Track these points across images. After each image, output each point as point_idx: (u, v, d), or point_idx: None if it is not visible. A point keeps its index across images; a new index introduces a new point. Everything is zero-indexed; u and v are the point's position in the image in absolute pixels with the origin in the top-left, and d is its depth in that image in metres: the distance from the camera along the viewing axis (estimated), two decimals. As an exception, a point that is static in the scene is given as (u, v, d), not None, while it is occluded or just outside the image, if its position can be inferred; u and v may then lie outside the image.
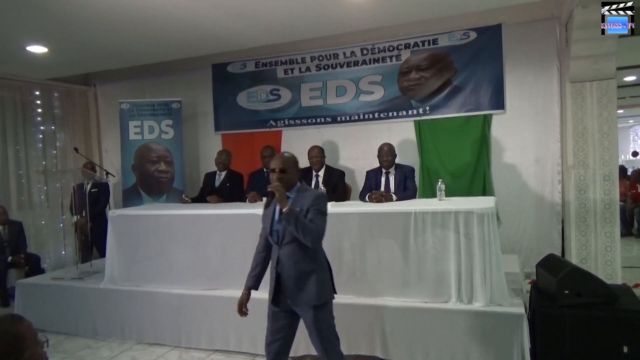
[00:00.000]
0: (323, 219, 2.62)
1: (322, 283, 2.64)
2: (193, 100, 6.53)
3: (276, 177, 2.65)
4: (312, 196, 2.66)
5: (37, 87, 6.66)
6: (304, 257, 2.61)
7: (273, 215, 2.69)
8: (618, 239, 4.30)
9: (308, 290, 2.60)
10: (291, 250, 2.61)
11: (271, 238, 2.70)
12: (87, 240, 5.35)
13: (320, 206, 2.62)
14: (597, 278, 3.20)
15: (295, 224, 2.52)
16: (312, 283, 2.60)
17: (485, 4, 4.79)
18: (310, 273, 2.61)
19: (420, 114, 5.42)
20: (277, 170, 2.66)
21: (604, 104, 4.28)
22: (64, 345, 4.18)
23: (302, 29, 5.19)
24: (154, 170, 6.27)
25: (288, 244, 2.61)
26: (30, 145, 6.58)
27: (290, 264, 2.62)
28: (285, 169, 2.67)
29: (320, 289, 2.61)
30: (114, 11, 4.31)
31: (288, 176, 2.67)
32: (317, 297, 2.59)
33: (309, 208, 2.59)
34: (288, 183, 2.66)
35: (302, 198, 2.64)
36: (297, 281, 2.61)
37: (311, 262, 2.64)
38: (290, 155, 2.77)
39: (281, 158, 2.72)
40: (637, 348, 2.89)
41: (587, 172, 4.34)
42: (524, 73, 5.02)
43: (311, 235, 2.54)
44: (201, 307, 3.95)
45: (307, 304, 2.60)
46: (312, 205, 2.60)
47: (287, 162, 2.69)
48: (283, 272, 2.63)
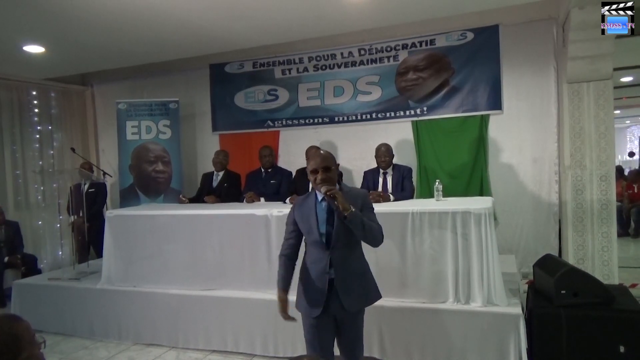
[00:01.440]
0: (375, 216, 2.52)
1: (373, 283, 2.58)
2: (191, 101, 6.52)
3: (321, 177, 2.41)
4: (359, 195, 2.51)
5: (34, 87, 6.64)
6: (355, 259, 2.52)
7: (316, 216, 2.47)
8: (615, 239, 4.31)
9: (364, 291, 2.51)
10: (344, 254, 2.46)
11: (318, 241, 2.46)
12: (84, 240, 5.33)
13: (371, 204, 2.54)
14: (594, 278, 3.21)
15: (362, 227, 2.35)
16: (367, 284, 2.53)
17: (482, 4, 4.80)
18: (363, 274, 2.53)
19: (418, 114, 5.43)
20: (321, 169, 2.43)
21: (600, 104, 4.30)
22: (61, 345, 4.17)
23: (299, 29, 5.19)
24: (152, 170, 6.26)
25: (341, 247, 2.43)
26: (27, 145, 6.56)
27: (344, 267, 2.45)
28: (329, 166, 2.45)
29: (373, 290, 2.56)
30: (111, 11, 4.30)
31: (332, 174, 2.46)
32: (375, 297, 2.55)
33: (362, 207, 2.43)
34: (332, 182, 2.44)
35: (349, 197, 2.41)
36: (354, 285, 2.47)
37: (361, 263, 2.55)
38: (327, 152, 2.58)
39: (322, 156, 2.49)
40: (633, 348, 2.90)
41: (584, 173, 4.35)
42: (521, 73, 5.03)
43: (376, 236, 2.43)
44: (199, 307, 3.94)
45: (362, 305, 2.51)
46: (364, 204, 2.47)
47: (329, 159, 2.48)
48: (338, 277, 2.44)
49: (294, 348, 3.63)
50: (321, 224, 2.45)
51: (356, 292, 2.46)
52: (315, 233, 2.45)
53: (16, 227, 5.87)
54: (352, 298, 2.45)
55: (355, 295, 2.46)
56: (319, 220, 2.45)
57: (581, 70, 4.24)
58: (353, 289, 2.45)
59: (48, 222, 6.58)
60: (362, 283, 2.50)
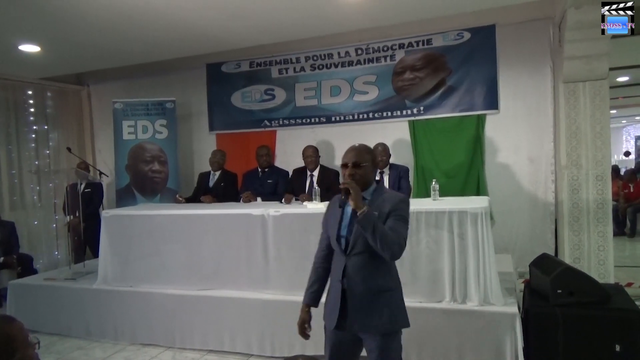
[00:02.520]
0: (405, 226, 2.15)
1: (397, 306, 2.17)
2: (187, 100, 6.51)
3: (348, 172, 2.20)
4: (393, 199, 2.19)
5: (30, 87, 6.61)
6: (376, 272, 2.15)
7: (341, 218, 2.24)
8: (611, 238, 4.33)
9: (380, 313, 2.12)
10: (361, 263, 2.15)
11: (337, 245, 2.23)
12: (80, 240, 5.32)
13: (403, 211, 2.16)
14: (589, 277, 3.22)
15: (372, 232, 2.03)
16: (385, 305, 2.13)
17: (479, 4, 4.81)
18: (383, 292, 2.15)
19: (415, 114, 5.43)
20: (350, 165, 2.21)
21: (596, 104, 4.31)
22: (57, 346, 4.16)
23: (296, 28, 5.18)
24: (148, 170, 6.25)
25: (358, 254, 2.14)
26: (22, 145, 6.53)
27: (359, 279, 2.15)
28: (359, 162, 2.20)
29: (394, 313, 2.15)
30: (107, 10, 4.28)
31: (363, 172, 2.21)
32: (391, 323, 2.13)
33: (389, 213, 2.13)
34: (363, 181, 2.20)
35: (381, 200, 2.18)
36: (367, 301, 2.14)
37: (385, 279, 2.16)
38: (364, 146, 2.31)
39: (355, 150, 2.25)
40: (629, 347, 2.91)
41: (580, 172, 4.37)
42: (518, 73, 5.04)
43: (391, 246, 2.05)
44: (195, 307, 3.94)
45: (377, 330, 2.13)
46: (394, 209, 2.13)
47: (362, 154, 2.23)
48: (350, 289, 2.16)
49: (291, 348, 3.63)
50: (344, 226, 2.22)
51: (368, 310, 2.14)
52: (334, 235, 2.24)
53: (12, 227, 5.84)
54: (362, 316, 2.14)
55: (369, 315, 2.13)
56: (343, 222, 2.23)
57: (577, 70, 4.25)
58: (364, 306, 2.14)
59: (44, 222, 6.55)
60: (378, 302, 2.13)
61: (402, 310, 2.21)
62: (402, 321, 2.20)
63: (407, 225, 2.17)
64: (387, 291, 2.17)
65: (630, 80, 7.90)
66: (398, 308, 2.19)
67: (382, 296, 2.15)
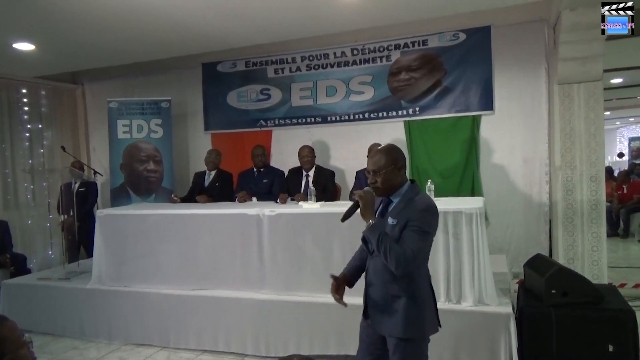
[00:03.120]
0: (421, 239, 2.06)
1: (413, 314, 2.11)
2: (183, 99, 6.49)
3: (370, 180, 2.19)
4: (415, 207, 2.10)
5: (24, 85, 6.57)
6: (394, 278, 2.11)
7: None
8: (604, 239, 4.35)
9: (394, 318, 2.12)
10: (381, 266, 2.14)
11: (364, 245, 2.27)
12: (74, 240, 5.29)
13: (423, 224, 2.06)
14: (583, 278, 3.24)
15: (377, 244, 2.04)
16: (400, 311, 2.11)
17: (474, 5, 4.82)
18: (398, 298, 2.12)
19: (410, 114, 5.45)
20: (371, 173, 2.19)
21: (591, 105, 4.33)
22: (51, 346, 4.13)
23: (292, 28, 5.18)
24: (143, 169, 6.23)
25: (379, 256, 2.12)
26: (16, 143, 6.50)
27: (378, 282, 2.18)
28: (377, 170, 2.16)
29: (408, 321, 2.10)
30: (103, 8, 4.27)
31: (382, 178, 2.16)
32: (403, 330, 2.10)
33: (407, 222, 2.07)
34: (385, 187, 2.17)
35: (407, 207, 2.12)
36: (383, 304, 2.16)
37: (403, 286, 2.12)
38: (386, 149, 2.25)
39: (373, 157, 2.20)
40: (622, 347, 2.92)
41: (574, 173, 4.39)
42: (513, 74, 5.06)
43: (396, 260, 2.01)
44: (190, 307, 3.93)
45: (390, 334, 2.15)
46: (411, 219, 2.06)
47: (380, 161, 2.16)
48: (370, 288, 2.23)
49: (285, 348, 3.63)
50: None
51: (383, 312, 2.16)
52: (362, 235, 2.25)
53: (5, 226, 5.80)
54: (378, 316, 2.19)
55: (384, 318, 2.16)
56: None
57: (572, 71, 4.28)
58: (380, 307, 2.18)
59: (38, 222, 6.52)
60: (392, 306, 2.13)
61: (418, 320, 2.13)
62: (417, 330, 2.13)
63: (423, 237, 2.08)
64: (404, 297, 2.12)
65: (624, 82, 7.95)
66: (413, 316, 2.11)
67: (398, 301, 2.13)
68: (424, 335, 2.17)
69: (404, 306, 2.11)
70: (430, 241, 2.17)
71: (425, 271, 2.24)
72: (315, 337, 3.58)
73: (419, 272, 2.18)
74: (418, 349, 2.16)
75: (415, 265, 2.08)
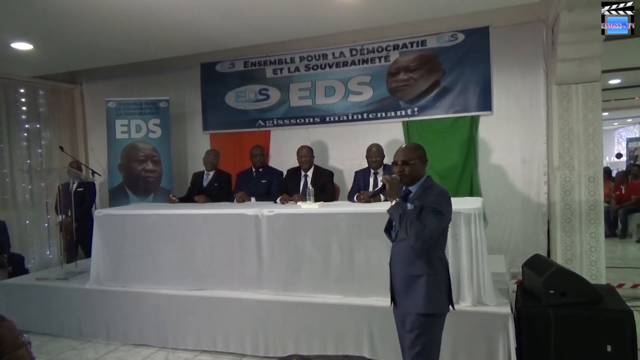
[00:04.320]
0: (437, 219, 2.35)
1: (432, 290, 2.37)
2: (181, 100, 6.49)
3: (398, 169, 2.50)
4: (432, 193, 2.43)
5: (22, 85, 6.56)
6: (415, 259, 2.40)
7: None
8: (602, 239, 4.36)
9: (415, 295, 2.38)
10: (403, 249, 2.45)
11: (386, 234, 2.62)
12: (72, 240, 5.28)
13: (437, 205, 2.37)
14: (581, 278, 3.24)
15: (399, 219, 2.38)
16: (421, 288, 2.37)
17: (473, 6, 4.83)
18: (419, 277, 2.39)
19: (409, 114, 5.45)
20: (400, 163, 2.50)
21: (589, 106, 4.34)
22: (48, 346, 4.12)
23: (291, 29, 5.18)
24: (141, 169, 6.22)
25: (401, 241, 2.46)
26: (14, 143, 6.48)
27: (400, 264, 2.47)
28: (407, 161, 2.49)
29: (429, 297, 2.36)
30: (101, 8, 4.26)
31: (411, 168, 2.48)
32: (425, 305, 2.36)
33: (424, 205, 2.38)
34: (411, 176, 2.49)
35: (425, 194, 2.43)
36: (405, 284, 2.43)
37: (423, 266, 2.39)
38: (414, 145, 2.58)
39: (404, 150, 2.54)
40: (620, 347, 2.93)
41: (573, 174, 4.40)
42: (511, 75, 5.07)
43: (416, 234, 2.31)
44: (188, 307, 3.92)
45: (411, 310, 2.40)
46: (429, 202, 2.38)
47: (410, 153, 2.50)
48: (393, 272, 2.53)
49: (284, 348, 3.62)
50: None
51: (406, 292, 2.43)
52: (385, 225, 2.60)
53: (3, 227, 5.79)
54: (402, 298, 2.46)
55: (406, 297, 2.43)
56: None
57: (570, 72, 4.28)
58: (403, 288, 2.45)
59: (36, 222, 6.51)
60: (414, 285, 2.39)
61: (437, 296, 2.40)
62: (437, 306, 2.40)
63: (439, 217, 2.35)
64: (423, 276, 2.38)
65: (622, 83, 7.97)
66: (433, 292, 2.38)
67: (418, 280, 2.38)
68: (442, 311, 2.43)
69: (424, 284, 2.37)
70: (446, 224, 2.45)
71: (443, 254, 2.50)
72: (313, 337, 3.58)
73: (437, 254, 2.44)
74: (434, 325, 2.40)
75: (432, 241, 2.34)
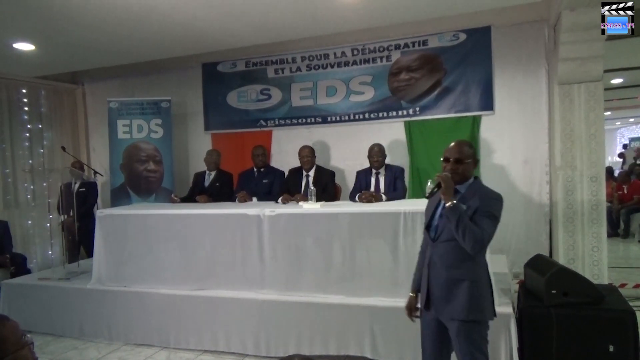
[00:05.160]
0: (492, 223, 2.22)
1: (475, 296, 2.22)
2: (183, 100, 6.49)
3: (450, 167, 2.33)
4: (485, 195, 2.29)
5: (24, 85, 6.57)
6: (458, 262, 2.25)
7: (436, 208, 2.38)
8: (605, 239, 4.35)
9: (456, 301, 2.23)
10: (445, 251, 2.29)
11: (427, 233, 2.41)
12: (74, 240, 5.29)
13: (492, 209, 2.24)
14: (584, 278, 3.24)
15: (456, 223, 2.18)
16: (463, 294, 2.22)
17: (474, 5, 4.82)
18: (461, 282, 2.24)
19: (410, 114, 5.44)
20: (452, 160, 2.34)
21: (591, 106, 4.33)
22: (50, 346, 4.13)
23: (292, 28, 5.19)
24: (143, 169, 6.23)
25: (444, 242, 2.29)
26: (16, 143, 6.50)
27: (441, 266, 2.30)
28: (461, 159, 2.33)
29: (471, 303, 2.21)
30: (102, 9, 4.27)
31: (464, 168, 2.32)
32: (466, 312, 2.21)
33: (477, 208, 2.23)
34: (461, 176, 2.33)
35: (474, 196, 2.28)
36: (446, 289, 2.27)
37: (466, 270, 2.25)
38: (469, 142, 2.45)
39: (458, 147, 2.37)
40: (622, 347, 2.92)
41: (575, 174, 4.39)
42: (513, 75, 5.06)
43: (473, 239, 2.15)
44: (190, 307, 3.93)
45: (452, 317, 2.25)
46: (483, 205, 2.23)
47: (464, 152, 2.34)
48: (433, 275, 2.33)
49: (286, 348, 3.62)
50: (437, 216, 2.37)
51: (447, 297, 2.26)
52: (426, 223, 2.42)
53: (5, 226, 5.79)
54: (442, 303, 2.28)
55: (446, 302, 2.26)
56: (437, 212, 2.38)
57: (572, 71, 4.27)
58: (444, 293, 2.27)
59: (38, 222, 6.52)
60: (457, 290, 2.24)
61: (480, 302, 2.23)
62: (480, 313, 2.23)
63: (494, 222, 2.23)
64: (467, 281, 2.24)
65: (624, 83, 7.96)
66: (475, 299, 2.22)
67: (461, 285, 2.24)
68: (485, 318, 2.27)
69: (466, 289, 2.22)
70: (496, 228, 2.27)
71: (485, 258, 2.36)
72: (315, 337, 3.58)
73: (480, 258, 2.30)
74: (480, 332, 2.25)
75: (487, 247, 2.23)
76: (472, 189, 2.32)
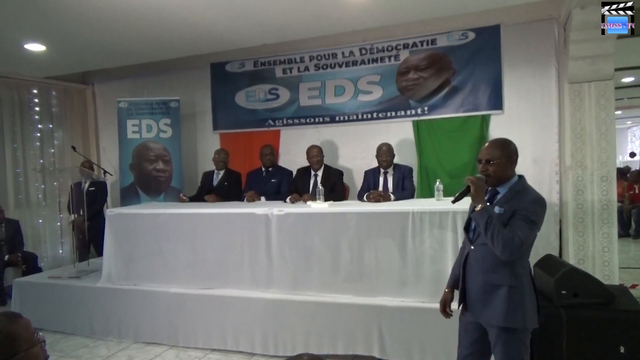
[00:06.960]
0: (529, 228, 2.10)
1: (514, 303, 2.12)
2: (191, 99, 6.52)
3: (481, 169, 2.26)
4: (525, 198, 2.17)
5: (35, 86, 6.64)
6: (496, 266, 2.15)
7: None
8: (615, 239, 4.31)
9: (494, 306, 2.14)
10: (483, 254, 2.20)
11: (465, 233, 2.35)
12: (84, 239, 5.34)
13: (531, 212, 2.12)
14: (594, 278, 3.21)
15: (485, 227, 2.10)
16: (500, 300, 2.13)
17: (483, 4, 4.79)
18: (499, 287, 2.15)
19: (419, 114, 5.42)
20: (484, 161, 2.26)
21: (602, 105, 4.29)
22: (61, 344, 4.18)
23: (301, 28, 5.19)
24: (152, 169, 6.26)
25: (481, 245, 2.20)
26: (27, 143, 6.57)
27: (478, 270, 2.22)
28: (490, 159, 2.23)
29: (510, 310, 2.11)
30: (112, 9, 4.30)
31: (495, 168, 2.22)
32: (504, 318, 2.11)
33: (515, 211, 2.13)
34: (496, 177, 2.23)
35: (515, 198, 2.18)
36: (483, 293, 2.19)
37: (506, 276, 2.15)
38: (501, 142, 2.33)
39: (487, 147, 2.30)
40: (633, 348, 2.89)
41: (585, 173, 4.35)
42: (522, 73, 5.02)
43: (502, 244, 2.06)
44: (199, 306, 3.95)
45: (492, 322, 2.17)
46: (521, 208, 2.13)
47: (495, 151, 2.25)
48: (469, 277, 2.27)
49: (294, 347, 3.63)
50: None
51: (483, 301, 2.19)
52: (466, 223, 2.35)
53: (17, 226, 5.87)
54: (478, 306, 2.22)
55: (484, 307, 2.19)
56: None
57: (582, 70, 4.24)
58: (480, 296, 2.21)
59: (48, 221, 6.58)
60: (494, 295, 2.15)
61: (520, 309, 2.13)
62: (519, 320, 2.13)
63: (530, 226, 2.11)
64: (505, 286, 2.14)
65: (635, 81, 7.87)
66: (515, 305, 2.13)
67: (499, 290, 2.15)
68: (525, 326, 2.16)
69: (504, 295, 2.13)
70: (536, 233, 2.17)
71: (527, 263, 2.25)
72: (323, 336, 3.58)
73: (521, 263, 2.19)
74: (520, 340, 2.16)
75: (520, 252, 2.10)
76: (513, 190, 2.22)
